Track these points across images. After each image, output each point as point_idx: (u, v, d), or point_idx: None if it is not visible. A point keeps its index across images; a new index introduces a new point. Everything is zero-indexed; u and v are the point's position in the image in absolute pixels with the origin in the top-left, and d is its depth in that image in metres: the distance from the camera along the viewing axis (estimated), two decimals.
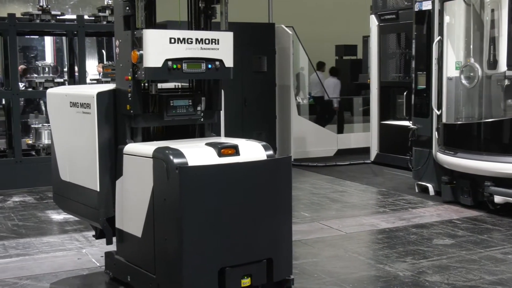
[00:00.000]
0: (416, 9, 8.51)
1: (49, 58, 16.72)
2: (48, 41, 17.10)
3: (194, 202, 4.17)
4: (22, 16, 9.40)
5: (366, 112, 12.63)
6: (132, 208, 4.62)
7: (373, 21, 11.00)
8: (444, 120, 7.99)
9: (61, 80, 10.30)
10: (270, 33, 10.98)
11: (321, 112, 14.47)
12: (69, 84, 9.90)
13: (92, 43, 15.43)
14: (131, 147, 4.63)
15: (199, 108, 4.92)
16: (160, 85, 4.94)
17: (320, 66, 15.14)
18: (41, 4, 9.39)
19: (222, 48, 4.83)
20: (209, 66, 4.73)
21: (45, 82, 9.37)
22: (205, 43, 4.71)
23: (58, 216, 7.13)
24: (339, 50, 20.60)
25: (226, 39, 4.87)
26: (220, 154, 4.39)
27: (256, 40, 10.77)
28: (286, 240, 4.66)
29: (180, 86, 5.13)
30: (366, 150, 11.46)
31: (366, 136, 11.80)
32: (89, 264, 5.53)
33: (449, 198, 7.83)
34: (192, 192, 4.17)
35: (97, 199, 4.79)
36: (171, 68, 4.54)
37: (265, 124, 10.89)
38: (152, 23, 4.73)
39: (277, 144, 11.23)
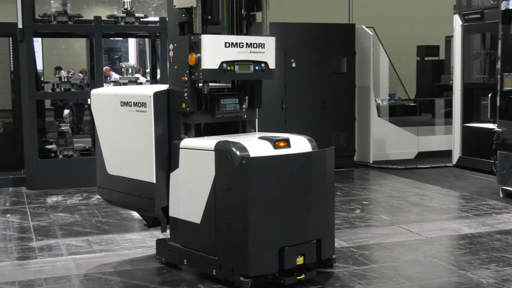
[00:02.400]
0: (502, 8, 8.25)
1: (132, 59, 17.17)
2: (132, 42, 17.57)
3: (257, 189, 4.65)
4: (107, 19, 9.68)
5: (448, 114, 12.34)
6: (190, 197, 5.04)
7: (457, 21, 10.73)
8: None
9: (144, 80, 10.55)
10: (350, 34, 10.88)
11: None
12: (151, 84, 10.12)
13: None
14: (188, 142, 5.07)
15: (244, 106, 5.39)
16: None
17: None
18: (125, 7, 9.63)
19: (267, 51, 5.28)
20: (256, 68, 5.20)
21: (128, 83, 9.61)
22: (254, 47, 5.18)
23: None
24: (420, 50, 20.21)
25: (270, 43, 5.30)
26: (275, 147, 4.89)
27: (336, 41, 10.70)
28: (331, 222, 5.20)
29: (226, 86, 5.60)
30: (448, 153, 11.19)
31: (448, 139, 11.52)
32: None
33: None
34: (255, 181, 4.64)
35: (153, 191, 5.21)
36: (225, 70, 5.03)
37: (344, 125, 10.80)
38: (205, 29, 5.17)
39: (356, 146, 11.11)
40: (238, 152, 4.66)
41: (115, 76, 13.43)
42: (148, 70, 12.36)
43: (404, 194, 8.59)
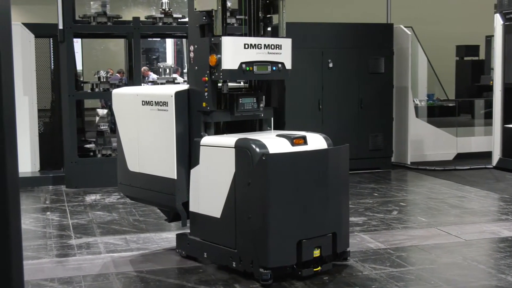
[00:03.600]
0: None
1: (170, 60, 17.32)
2: (169, 43, 17.73)
3: (276, 184, 4.85)
4: (145, 20, 9.76)
5: (488, 115, 12.15)
6: (210, 193, 5.24)
7: (498, 20, 10.55)
8: None
9: (182, 80, 10.61)
10: (388, 34, 10.79)
11: None
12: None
13: None
14: (208, 140, 5.28)
15: (261, 105, 5.59)
16: None
17: None
18: (163, 7, 9.71)
19: (284, 52, 5.47)
20: (274, 68, 5.39)
21: (166, 83, 9.68)
22: (271, 48, 5.38)
23: None
24: (460, 50, 19.96)
25: (287, 44, 5.50)
26: (293, 144, 5.07)
27: (373, 41, 10.61)
28: (346, 217, 5.39)
29: (244, 85, 5.80)
30: (487, 155, 11.01)
31: (488, 140, 11.34)
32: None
33: None
34: (274, 176, 4.84)
35: (174, 186, 5.41)
36: (244, 70, 5.23)
37: (381, 126, 10.70)
38: (224, 31, 5.41)
39: (394, 147, 11.00)
40: (258, 149, 4.86)
41: (153, 76, 13.54)
42: (185, 70, 12.43)
43: (442, 196, 8.48)
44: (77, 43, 13.17)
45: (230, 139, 5.09)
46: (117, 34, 10.48)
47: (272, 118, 5.83)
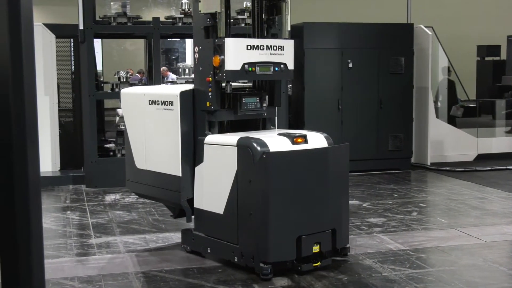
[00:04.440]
0: None
1: (189, 60, 17.35)
2: (189, 43, 17.75)
3: (277, 182, 4.98)
4: (165, 20, 9.79)
5: (509, 116, 12.04)
6: (214, 190, 5.38)
7: None
8: None
9: None
10: (409, 34, 10.73)
11: None
12: None
13: None
14: (212, 138, 5.42)
15: (264, 105, 5.72)
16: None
17: None
18: (183, 8, 9.73)
19: (286, 53, 5.58)
20: (276, 68, 5.52)
21: (186, 83, 9.70)
22: (273, 49, 5.50)
23: None
24: (481, 50, 19.79)
25: (289, 45, 5.61)
26: (293, 142, 5.19)
27: (394, 41, 10.56)
28: (345, 214, 5.50)
29: (248, 85, 5.92)
30: (508, 156, 10.91)
31: (509, 141, 11.23)
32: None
33: None
34: (275, 174, 4.98)
35: (179, 184, 5.55)
36: (247, 71, 5.35)
37: (401, 126, 10.65)
38: (228, 32, 5.53)
39: (414, 147, 10.94)
40: (258, 148, 5.00)
41: (172, 76, 13.59)
42: None
43: (462, 197, 8.42)
44: (97, 43, 13.25)
45: (232, 138, 5.23)
46: (137, 34, 10.52)
47: (276, 117, 5.96)
